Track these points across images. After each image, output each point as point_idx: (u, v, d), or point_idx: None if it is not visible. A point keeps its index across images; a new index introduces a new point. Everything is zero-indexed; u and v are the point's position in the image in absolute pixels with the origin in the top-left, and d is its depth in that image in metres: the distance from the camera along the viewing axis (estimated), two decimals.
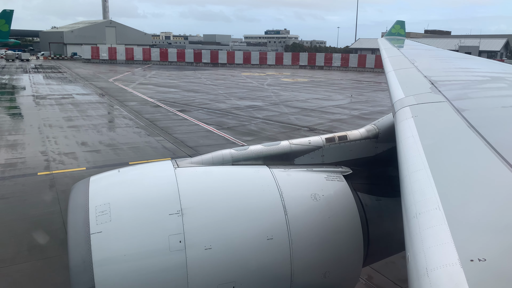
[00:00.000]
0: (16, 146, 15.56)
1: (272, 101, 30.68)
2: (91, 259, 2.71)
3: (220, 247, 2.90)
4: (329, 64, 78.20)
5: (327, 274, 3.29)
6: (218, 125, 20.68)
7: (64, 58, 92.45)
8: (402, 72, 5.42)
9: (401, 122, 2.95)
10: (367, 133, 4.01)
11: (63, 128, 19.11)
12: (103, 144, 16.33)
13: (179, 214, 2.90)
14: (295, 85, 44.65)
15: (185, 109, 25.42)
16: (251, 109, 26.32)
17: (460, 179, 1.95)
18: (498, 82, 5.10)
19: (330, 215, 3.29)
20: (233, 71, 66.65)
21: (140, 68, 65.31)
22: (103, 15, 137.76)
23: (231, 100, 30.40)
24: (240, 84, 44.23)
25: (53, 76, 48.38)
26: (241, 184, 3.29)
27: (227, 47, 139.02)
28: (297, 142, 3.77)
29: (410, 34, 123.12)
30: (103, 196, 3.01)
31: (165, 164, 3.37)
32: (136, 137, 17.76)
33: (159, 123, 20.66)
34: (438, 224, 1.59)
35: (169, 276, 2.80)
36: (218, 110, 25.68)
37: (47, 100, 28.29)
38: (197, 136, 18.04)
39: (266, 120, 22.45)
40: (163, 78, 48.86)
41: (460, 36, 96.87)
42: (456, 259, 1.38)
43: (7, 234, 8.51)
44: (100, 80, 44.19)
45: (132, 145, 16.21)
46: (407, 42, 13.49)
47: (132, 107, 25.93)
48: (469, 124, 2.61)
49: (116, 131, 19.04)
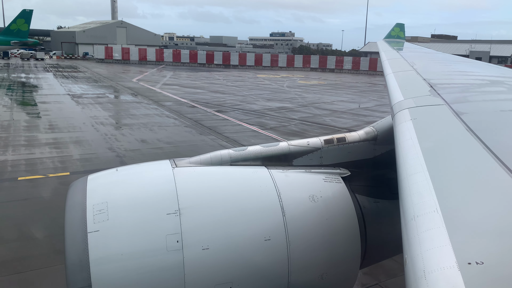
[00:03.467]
0: (81, 143, 16.41)
1: (300, 103, 31.54)
2: (88, 258, 2.70)
3: (218, 247, 2.91)
4: (340, 67, 79.07)
5: (324, 275, 3.29)
6: (260, 125, 21.52)
7: (77, 58, 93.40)
8: (401, 74, 5.43)
9: (400, 125, 2.96)
10: (366, 135, 4.02)
11: (115, 126, 19.97)
12: (162, 141, 17.18)
13: (177, 214, 2.90)
14: (314, 87, 45.51)
15: (221, 110, 26.26)
16: (283, 110, 27.17)
17: (459, 182, 1.96)
18: (497, 86, 5.10)
19: (328, 216, 3.30)
20: (246, 72, 67.50)
21: (155, 69, 66.17)
22: (111, 15, 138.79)
23: (260, 102, 31.24)
24: (261, 85, 45.09)
25: (76, 76, 49.22)
26: (239, 185, 3.29)
27: (234, 49, 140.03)
28: (296, 143, 3.79)
29: (418, 38, 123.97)
30: (100, 195, 3.00)
31: (163, 163, 3.37)
32: (189, 135, 18.61)
33: (204, 123, 21.50)
34: (436, 226, 1.59)
35: (166, 276, 2.80)
36: (252, 111, 26.52)
37: (84, 99, 29.14)
38: (247, 136, 18.88)
39: (302, 121, 23.30)
40: (183, 79, 49.71)
41: (469, 41, 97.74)
42: (454, 262, 1.38)
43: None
44: (124, 80, 45.06)
45: (190, 143, 17.05)
46: (407, 44, 13.69)
47: (170, 107, 26.77)
48: (467, 128, 2.62)
49: (168, 129, 19.86)
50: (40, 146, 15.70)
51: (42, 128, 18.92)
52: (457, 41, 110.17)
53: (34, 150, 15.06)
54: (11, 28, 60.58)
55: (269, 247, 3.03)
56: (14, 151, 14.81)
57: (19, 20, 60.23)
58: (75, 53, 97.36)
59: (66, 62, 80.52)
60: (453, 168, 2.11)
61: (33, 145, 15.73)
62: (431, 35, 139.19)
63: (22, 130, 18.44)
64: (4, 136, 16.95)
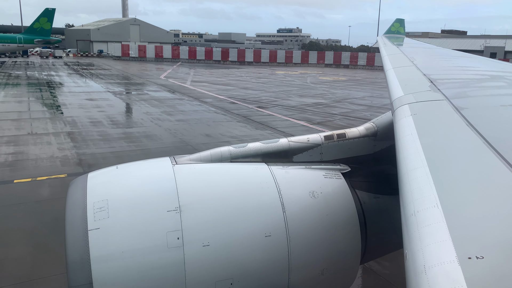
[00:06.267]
0: (152, 137, 17.42)
1: (332, 98, 32.44)
2: (89, 256, 2.71)
3: (218, 244, 2.92)
4: (354, 63, 79.85)
5: (324, 271, 3.31)
6: (307, 120, 22.46)
7: (92, 56, 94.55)
8: (401, 70, 5.43)
9: (400, 120, 2.96)
10: (366, 131, 4.04)
11: (173, 122, 20.96)
12: (226, 136, 18.17)
13: (177, 211, 2.91)
14: (338, 83, 46.37)
15: (262, 106, 27.22)
16: (320, 106, 28.10)
17: (459, 177, 1.97)
18: (497, 81, 5.11)
19: (328, 212, 3.31)
20: (263, 69, 68.41)
21: (174, 66, 67.19)
22: (122, 13, 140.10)
23: (293, 97, 32.17)
24: (285, 82, 45.99)
25: (104, 73, 50.28)
26: (240, 181, 3.30)
27: (242, 45, 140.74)
28: (296, 139, 3.82)
29: (429, 34, 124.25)
30: (101, 193, 3.01)
31: (163, 161, 3.39)
32: (247, 130, 19.60)
33: (254, 118, 22.48)
34: (436, 222, 1.60)
35: (167, 273, 2.81)
36: (291, 107, 27.44)
37: (126, 96, 30.21)
38: (301, 130, 19.83)
39: (344, 116, 24.22)
40: (207, 76, 50.68)
41: (483, 36, 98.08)
42: (454, 256, 1.39)
43: None
44: (152, 77, 46.11)
45: (252, 138, 18.01)
46: (407, 40, 13.75)
47: (212, 103, 27.76)
48: (467, 123, 2.62)
49: (224, 124, 20.84)
50: (115, 140, 16.71)
51: (106, 124, 19.95)
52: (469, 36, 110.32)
53: (113, 144, 16.09)
54: (34, 27, 61.63)
55: (269, 243, 3.04)
56: (95, 145, 15.84)
57: (42, 18, 61.24)
58: (89, 51, 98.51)
59: (84, 59, 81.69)
60: (453, 164, 2.11)
61: (108, 139, 16.75)
62: (441, 31, 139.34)
63: (89, 125, 19.48)
64: (77, 131, 17.98)
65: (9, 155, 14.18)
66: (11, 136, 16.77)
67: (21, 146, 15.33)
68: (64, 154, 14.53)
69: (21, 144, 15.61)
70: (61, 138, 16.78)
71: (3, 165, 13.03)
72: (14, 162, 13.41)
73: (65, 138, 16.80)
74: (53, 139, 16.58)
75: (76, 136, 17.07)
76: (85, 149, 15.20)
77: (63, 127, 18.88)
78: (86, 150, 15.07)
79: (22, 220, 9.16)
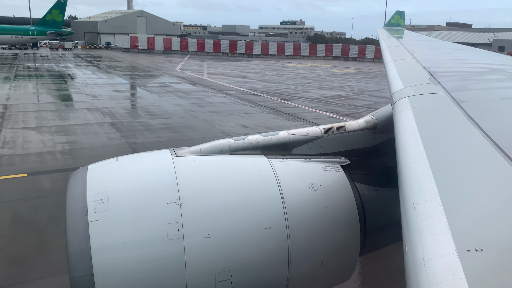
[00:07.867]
0: (192, 127, 18.08)
1: (351, 91, 33.01)
2: (90, 247, 2.75)
3: (218, 236, 2.95)
4: (362, 55, 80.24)
5: (324, 263, 3.35)
6: (334, 112, 23.09)
7: (100, 48, 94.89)
8: (401, 63, 5.42)
9: (400, 113, 2.97)
10: (366, 124, 4.05)
11: (207, 113, 21.57)
12: (262, 126, 18.82)
13: (177, 203, 2.93)
14: (351, 76, 46.91)
15: (285, 98, 27.83)
16: (342, 98, 28.71)
17: (458, 170, 1.97)
18: (497, 74, 5.11)
19: (328, 205, 3.34)
20: (273, 61, 68.86)
21: (185, 58, 67.66)
22: (127, 4, 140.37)
23: (312, 90, 32.76)
24: (300, 75, 46.53)
25: (119, 66, 50.77)
26: (239, 174, 3.32)
27: (247, 38, 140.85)
28: (296, 132, 3.83)
29: (435, 27, 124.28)
30: (101, 185, 3.04)
31: (163, 153, 3.42)
32: (279, 121, 20.24)
33: (283, 110, 23.11)
34: (435, 214, 1.61)
35: (167, 264, 2.84)
36: (314, 99, 28.03)
37: (151, 88, 30.81)
38: (331, 121, 20.43)
39: (369, 108, 24.79)
40: (221, 69, 51.21)
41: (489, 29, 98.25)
42: (453, 249, 1.40)
43: None
44: (168, 69, 46.66)
45: (287, 128, 18.62)
46: (407, 32, 13.63)
47: (236, 95, 28.37)
48: (467, 116, 2.63)
49: (256, 116, 21.47)
50: (158, 130, 17.37)
51: (143, 115, 20.60)
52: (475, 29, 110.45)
53: (158, 134, 16.74)
54: (46, 19, 62.08)
55: (269, 235, 3.08)
56: (142, 135, 16.50)
57: (54, 10, 61.67)
58: (97, 43, 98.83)
59: (93, 52, 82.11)
60: (453, 156, 2.12)
61: (151, 130, 17.40)
62: (447, 24, 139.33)
63: (128, 116, 20.12)
64: (118, 122, 18.62)
65: (64, 144, 14.85)
66: (58, 126, 17.43)
67: (72, 135, 15.99)
68: (115, 143, 15.19)
69: (71, 133, 16.27)
70: (105, 128, 17.43)
71: (63, 153, 13.71)
72: (71, 151, 14.08)
73: (109, 128, 17.45)
74: (98, 129, 17.23)
75: (120, 126, 17.71)
76: (133, 139, 15.86)
77: (103, 117, 19.51)
78: (135, 140, 15.74)
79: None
